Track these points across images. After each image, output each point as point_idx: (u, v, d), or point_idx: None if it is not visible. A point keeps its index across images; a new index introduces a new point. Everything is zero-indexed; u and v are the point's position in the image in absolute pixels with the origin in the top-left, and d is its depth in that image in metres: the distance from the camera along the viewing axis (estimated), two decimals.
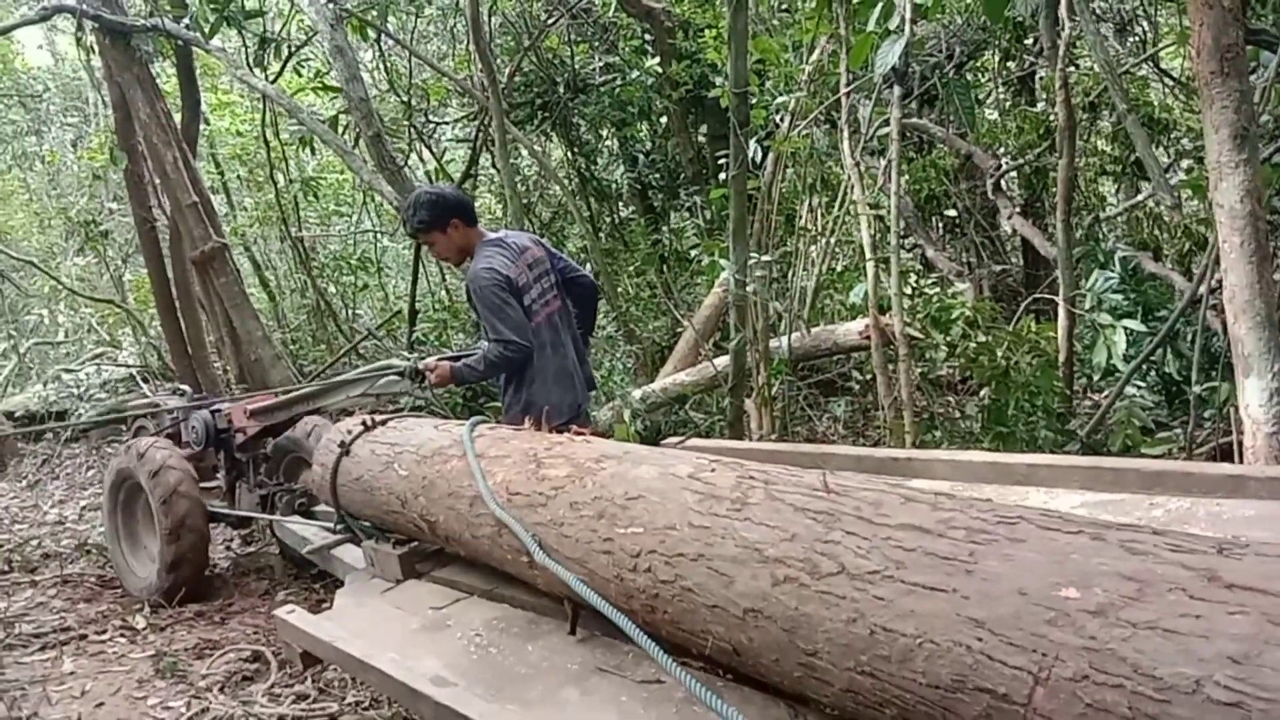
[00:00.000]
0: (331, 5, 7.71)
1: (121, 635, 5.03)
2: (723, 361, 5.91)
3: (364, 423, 3.60)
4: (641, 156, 10.37)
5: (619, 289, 8.73)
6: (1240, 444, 3.32)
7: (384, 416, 3.67)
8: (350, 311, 11.99)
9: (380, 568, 3.44)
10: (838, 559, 1.76)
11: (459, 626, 2.83)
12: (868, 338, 5.56)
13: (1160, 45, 7.55)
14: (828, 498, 1.94)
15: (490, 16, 9.40)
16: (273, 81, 9.34)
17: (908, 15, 4.24)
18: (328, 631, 2.91)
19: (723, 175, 5.20)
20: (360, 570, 3.58)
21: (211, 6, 7.81)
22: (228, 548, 6.52)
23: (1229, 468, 2.53)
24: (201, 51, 9.18)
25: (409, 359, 4.43)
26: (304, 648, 3.02)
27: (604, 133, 10.51)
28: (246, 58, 9.39)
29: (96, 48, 8.61)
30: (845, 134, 5.39)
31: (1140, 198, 7.66)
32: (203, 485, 5.55)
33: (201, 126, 10.62)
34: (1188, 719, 1.25)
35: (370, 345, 9.91)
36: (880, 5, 4.23)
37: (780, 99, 5.96)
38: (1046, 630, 1.44)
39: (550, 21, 9.46)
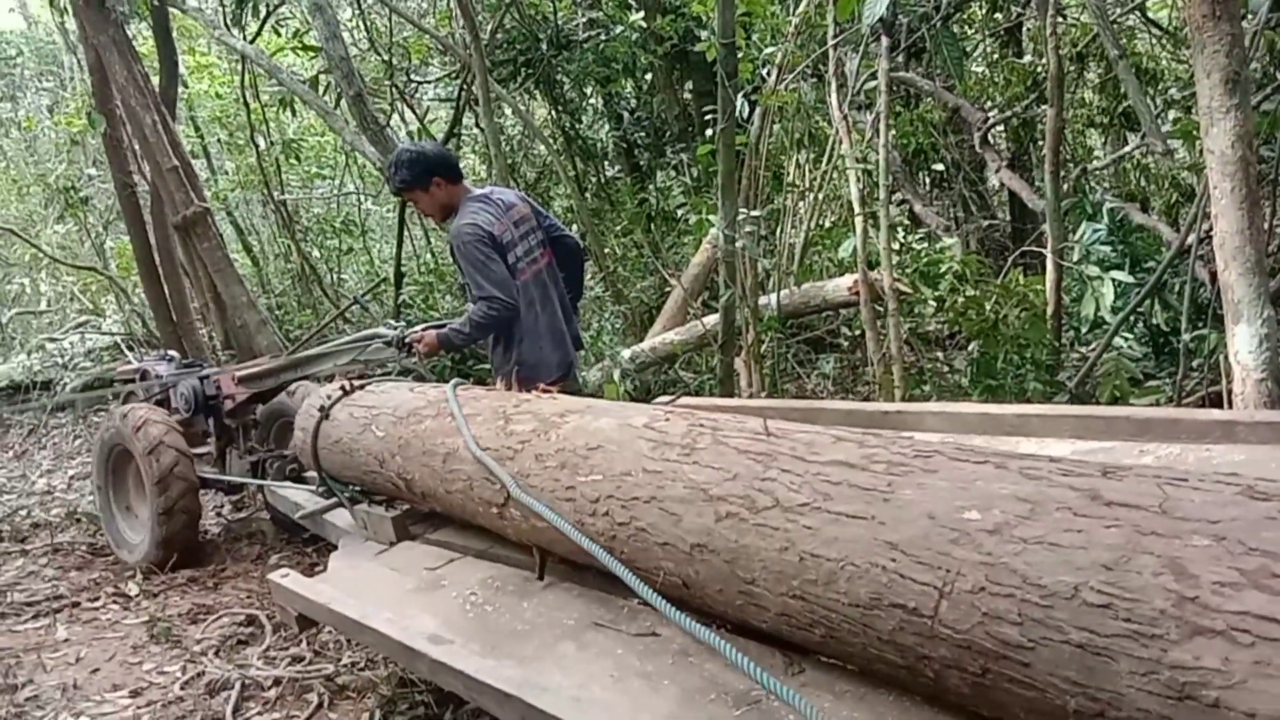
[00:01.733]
0: None
1: (114, 602, 5.03)
2: (712, 320, 5.89)
3: (343, 387, 3.70)
4: (627, 114, 10.27)
5: (606, 249, 8.68)
6: (1229, 392, 3.33)
7: (362, 381, 3.77)
8: (335, 275, 11.90)
9: (373, 531, 3.44)
10: (773, 494, 1.90)
11: (454, 586, 2.84)
12: (856, 293, 5.56)
13: None
14: (767, 440, 2.08)
15: None
16: (251, 41, 9.20)
17: None
18: (323, 594, 2.91)
19: (709, 132, 5.14)
20: (353, 534, 3.58)
21: None
22: (219, 514, 6.51)
23: (1218, 413, 2.54)
24: (178, 11, 9.01)
25: (395, 327, 4.41)
26: (299, 610, 3.02)
27: (588, 90, 10.39)
28: (224, 17, 9.23)
29: (70, 9, 8.43)
30: (833, 87, 5.34)
31: (1128, 148, 7.63)
32: (194, 452, 5.53)
33: (180, 89, 10.46)
34: (1066, 620, 1.40)
35: (356, 310, 9.85)
36: None
37: (767, 51, 5.89)
38: (950, 549, 1.58)
39: None
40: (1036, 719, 1.49)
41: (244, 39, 8.84)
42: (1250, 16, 4.83)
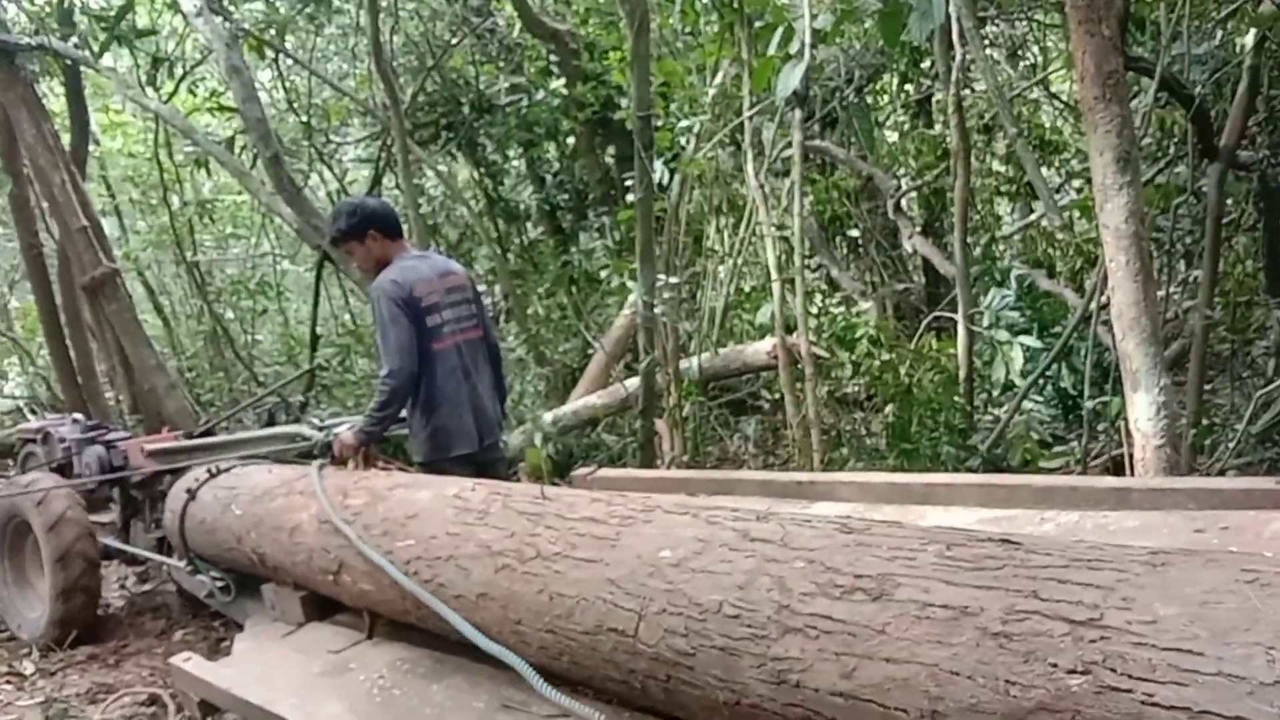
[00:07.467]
0: (227, 24, 7.51)
1: (8, 682, 4.77)
2: (634, 383, 5.90)
3: (209, 470, 3.98)
4: (549, 177, 10.32)
5: (529, 311, 8.67)
6: (1131, 457, 3.43)
7: (228, 465, 4.04)
8: (249, 337, 11.64)
9: (281, 610, 3.33)
10: (537, 547, 2.27)
11: (362, 669, 2.77)
12: (775, 357, 5.63)
13: (1050, 69, 7.83)
14: (542, 503, 2.46)
15: (392, 35, 9.25)
16: (166, 101, 9.06)
17: (808, 40, 4.32)
18: (226, 679, 2.82)
19: (630, 196, 5.20)
20: (260, 613, 3.47)
21: (101, 25, 7.54)
22: (122, 586, 6.24)
23: (1113, 481, 2.62)
24: (91, 70, 8.85)
25: (321, 428, 4.35)
26: (201, 696, 2.92)
27: (511, 153, 10.43)
28: (139, 77, 9.09)
29: None
30: (749, 156, 5.46)
31: (1033, 217, 7.91)
32: (96, 521, 5.31)
33: (92, 148, 10.23)
34: (716, 630, 1.76)
35: (270, 376, 9.61)
36: (781, 30, 4.31)
37: (685, 121, 6.00)
38: (647, 580, 1.95)
39: (454, 41, 9.36)
40: (707, 714, 1.86)
41: (159, 99, 8.70)
42: (1141, 95, 5.09)
